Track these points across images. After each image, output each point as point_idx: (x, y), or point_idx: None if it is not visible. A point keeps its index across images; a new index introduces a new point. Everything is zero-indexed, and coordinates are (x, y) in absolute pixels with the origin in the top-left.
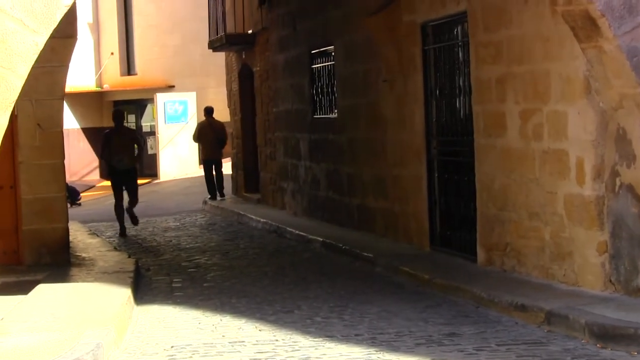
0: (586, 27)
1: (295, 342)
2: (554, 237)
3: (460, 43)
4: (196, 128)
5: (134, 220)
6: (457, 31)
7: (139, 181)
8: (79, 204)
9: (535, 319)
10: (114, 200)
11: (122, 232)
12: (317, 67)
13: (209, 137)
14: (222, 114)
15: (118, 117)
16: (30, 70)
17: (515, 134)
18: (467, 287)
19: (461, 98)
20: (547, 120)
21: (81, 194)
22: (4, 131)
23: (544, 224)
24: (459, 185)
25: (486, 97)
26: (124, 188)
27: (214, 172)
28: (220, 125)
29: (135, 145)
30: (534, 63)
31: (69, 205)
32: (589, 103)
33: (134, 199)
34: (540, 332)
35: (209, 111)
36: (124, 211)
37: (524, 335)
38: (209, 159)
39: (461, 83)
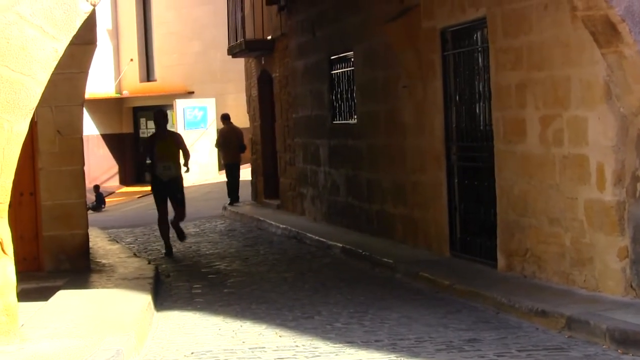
0: (606, 32)
1: (315, 347)
2: (574, 243)
3: (479, 49)
4: (218, 134)
5: (181, 236)
6: (476, 37)
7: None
8: (102, 210)
9: (556, 325)
10: (156, 214)
11: (168, 251)
12: (337, 73)
13: (232, 142)
14: (242, 120)
15: (161, 118)
16: (50, 77)
17: (536, 139)
18: (488, 293)
19: (481, 104)
20: (567, 125)
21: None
22: (24, 138)
23: (564, 230)
24: (478, 191)
25: (506, 103)
26: (168, 200)
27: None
28: (240, 131)
29: (181, 151)
30: (554, 68)
31: (95, 209)
32: (609, 108)
33: (181, 213)
34: (561, 338)
35: (227, 117)
36: (169, 227)
37: (545, 341)
38: (231, 162)
39: (481, 89)
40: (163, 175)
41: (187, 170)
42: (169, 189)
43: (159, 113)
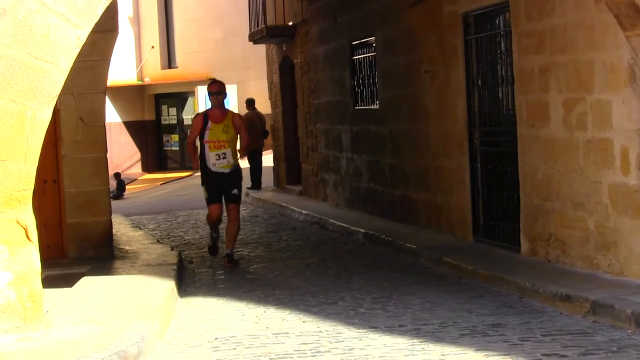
0: (630, 15)
1: (339, 333)
2: (598, 227)
3: (502, 33)
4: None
5: (231, 259)
6: (499, 21)
7: (180, 174)
8: (122, 197)
9: (581, 309)
10: (205, 211)
11: (213, 248)
12: (358, 58)
13: (255, 127)
14: (263, 107)
15: (216, 91)
16: (72, 65)
17: (559, 123)
18: (511, 278)
19: (503, 88)
20: (591, 109)
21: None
22: (47, 125)
23: (588, 214)
24: (501, 176)
25: (529, 87)
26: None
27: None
28: (263, 117)
29: (239, 135)
30: (577, 52)
31: (116, 197)
32: (634, 92)
33: (235, 217)
34: (585, 323)
35: (252, 102)
36: (219, 222)
37: (569, 326)
38: (254, 148)
39: (503, 73)
40: (217, 166)
41: (242, 158)
42: (223, 184)
43: (215, 85)
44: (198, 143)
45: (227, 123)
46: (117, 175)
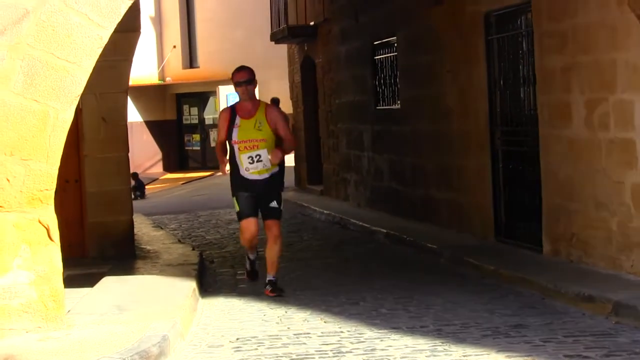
0: None
1: (360, 333)
2: (621, 228)
3: (524, 33)
4: None
5: (274, 288)
6: (520, 21)
7: (201, 174)
8: (145, 197)
9: (603, 310)
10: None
11: (252, 272)
12: (380, 58)
13: None
14: (285, 106)
15: (244, 78)
16: (95, 64)
17: (581, 123)
18: (533, 278)
19: (525, 88)
20: (613, 109)
21: (145, 187)
22: (69, 125)
23: (610, 214)
24: (523, 176)
25: (551, 87)
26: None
27: None
28: (286, 116)
29: (280, 134)
30: (599, 52)
31: (138, 196)
32: None
33: (275, 235)
34: (608, 324)
35: (276, 102)
36: (256, 242)
37: (592, 327)
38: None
39: (525, 73)
40: (250, 172)
41: (274, 161)
42: (259, 194)
43: (243, 72)
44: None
45: (260, 118)
46: (134, 176)
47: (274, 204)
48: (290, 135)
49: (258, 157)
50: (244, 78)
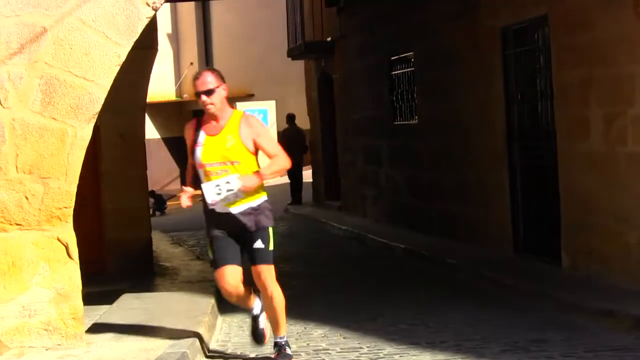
0: None
1: (379, 349)
2: None
3: (541, 47)
4: (280, 134)
5: (280, 350)
6: (537, 35)
7: None
8: (165, 213)
9: (623, 325)
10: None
11: (255, 332)
12: (397, 73)
13: (295, 142)
14: (302, 122)
15: (206, 84)
16: (112, 82)
17: (599, 137)
18: (552, 293)
19: (543, 102)
20: (631, 123)
21: (167, 202)
22: (87, 143)
23: (629, 229)
24: (542, 190)
25: (569, 101)
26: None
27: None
28: (303, 132)
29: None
30: (617, 66)
31: (157, 213)
32: None
33: (264, 283)
34: (628, 338)
35: (292, 118)
36: (242, 294)
37: (612, 342)
38: (295, 163)
39: (542, 87)
40: (221, 205)
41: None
42: (236, 233)
43: (201, 78)
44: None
45: (230, 133)
46: (151, 193)
47: (258, 244)
48: (278, 150)
49: (227, 184)
50: (203, 87)
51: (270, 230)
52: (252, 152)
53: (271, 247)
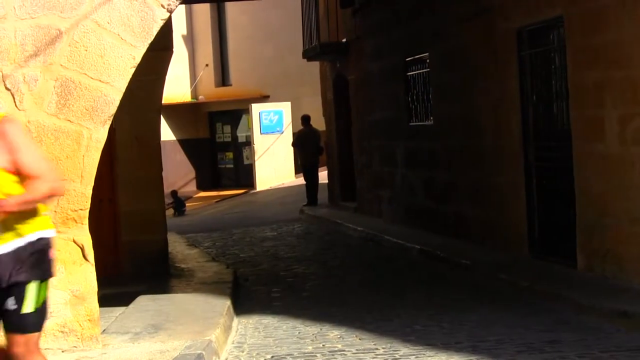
0: None
1: (395, 350)
2: None
3: (556, 48)
4: (296, 135)
5: None
6: (553, 36)
7: (234, 191)
8: (184, 214)
9: (639, 326)
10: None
11: None
12: (412, 74)
13: (311, 144)
14: (318, 123)
15: None
16: (128, 84)
17: (614, 139)
18: (568, 294)
19: (558, 103)
20: None
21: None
22: (102, 145)
23: None
24: (557, 192)
25: (584, 103)
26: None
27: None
28: (318, 133)
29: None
30: (633, 67)
31: (176, 213)
32: None
33: None
34: None
35: (307, 119)
36: None
37: (627, 342)
38: (309, 164)
39: (558, 88)
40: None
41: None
42: None
43: None
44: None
45: None
46: (174, 193)
47: (11, 303)
48: (43, 170)
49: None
50: None
51: (32, 286)
52: (10, 170)
53: (28, 309)
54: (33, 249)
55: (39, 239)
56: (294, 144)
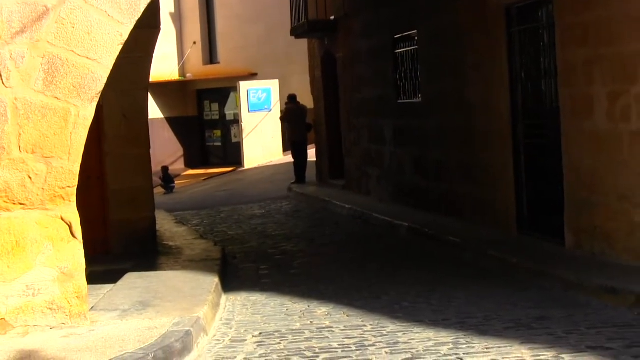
0: None
1: (383, 327)
2: None
3: (545, 25)
4: (285, 110)
5: None
6: (542, 13)
7: (223, 169)
8: (173, 191)
9: (626, 302)
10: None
11: None
12: (401, 52)
13: (300, 119)
14: (306, 101)
15: None
16: (115, 61)
17: (603, 116)
18: (556, 271)
19: (547, 81)
20: (635, 101)
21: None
22: (90, 122)
23: (633, 206)
24: (546, 169)
25: (573, 80)
26: None
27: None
28: (306, 109)
29: None
30: (622, 44)
31: (165, 190)
32: None
33: None
34: (630, 315)
35: (293, 98)
36: None
37: (614, 318)
38: (298, 140)
39: (547, 66)
40: None
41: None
42: None
43: None
44: None
45: None
46: (164, 169)
47: None
48: None
49: None
50: None
51: None
52: None
53: None
54: None
55: None
56: (282, 118)
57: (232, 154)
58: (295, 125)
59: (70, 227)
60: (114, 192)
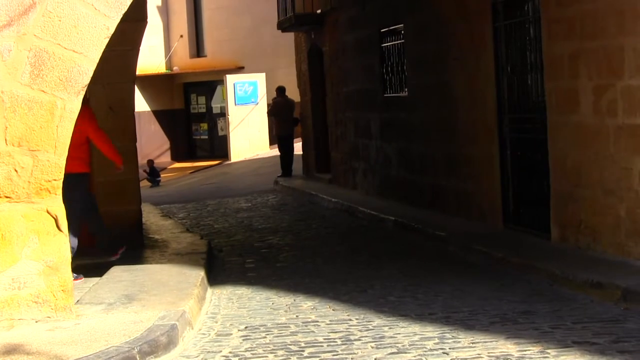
0: None
1: (369, 321)
2: (629, 214)
3: (531, 19)
4: (272, 103)
5: None
6: (528, 7)
7: (209, 162)
8: (159, 185)
9: (612, 297)
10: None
11: None
12: (387, 45)
13: (287, 114)
14: (292, 95)
15: None
16: (102, 54)
17: (589, 110)
18: (542, 265)
19: (533, 75)
20: (621, 95)
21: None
22: (77, 115)
23: (619, 200)
24: (531, 163)
25: (559, 74)
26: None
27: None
28: (294, 104)
29: None
30: (607, 38)
31: (151, 184)
32: None
33: None
34: (616, 310)
35: (282, 90)
36: None
37: (600, 313)
38: (285, 134)
39: (533, 60)
40: None
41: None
42: None
43: None
44: None
45: None
46: (150, 163)
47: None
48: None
49: None
50: None
51: None
52: None
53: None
54: None
55: None
56: (269, 112)
57: (219, 147)
58: (282, 119)
59: (56, 220)
60: (100, 185)
